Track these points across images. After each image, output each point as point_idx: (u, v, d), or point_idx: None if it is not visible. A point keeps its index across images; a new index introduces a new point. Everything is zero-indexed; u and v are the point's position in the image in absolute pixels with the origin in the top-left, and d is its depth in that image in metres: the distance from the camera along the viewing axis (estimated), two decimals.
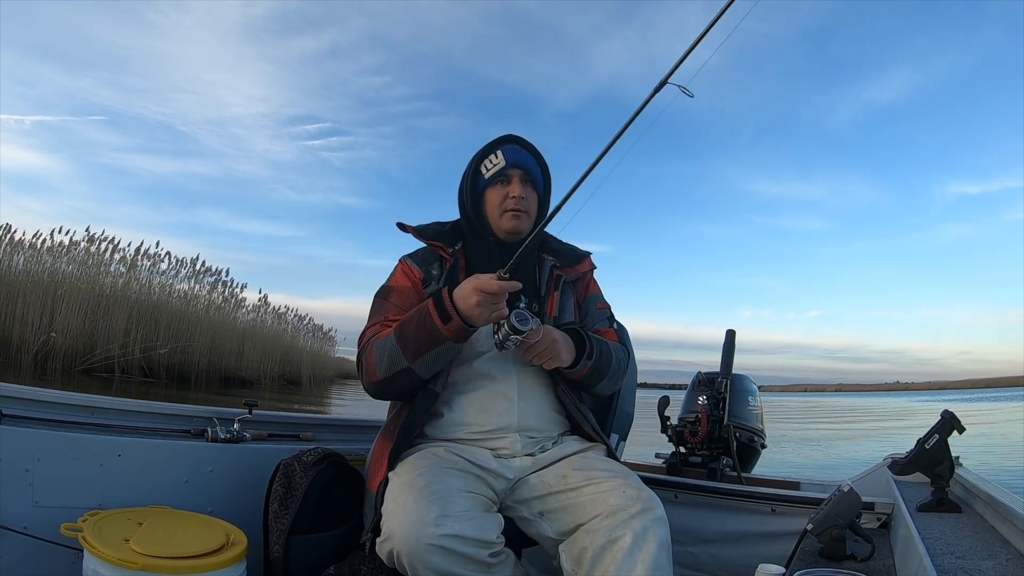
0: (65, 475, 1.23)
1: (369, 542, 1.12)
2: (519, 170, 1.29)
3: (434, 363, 1.16)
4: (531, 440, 1.26)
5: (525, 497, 1.21)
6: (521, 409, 1.24)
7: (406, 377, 1.17)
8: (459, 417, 1.25)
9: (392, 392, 1.25)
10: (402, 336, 1.16)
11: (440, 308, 1.12)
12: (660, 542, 1.07)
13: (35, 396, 1.29)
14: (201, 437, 1.45)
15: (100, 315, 11.18)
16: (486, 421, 1.23)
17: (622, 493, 1.11)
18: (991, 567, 0.87)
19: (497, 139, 1.34)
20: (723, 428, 2.01)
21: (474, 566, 1.02)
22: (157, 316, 12.13)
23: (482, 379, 1.25)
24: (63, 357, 10.63)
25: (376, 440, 1.30)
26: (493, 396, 1.24)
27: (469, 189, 1.33)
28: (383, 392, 1.25)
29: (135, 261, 12.36)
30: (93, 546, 1.05)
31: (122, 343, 11.25)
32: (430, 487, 1.05)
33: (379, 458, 1.22)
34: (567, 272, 1.38)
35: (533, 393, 1.27)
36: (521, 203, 1.28)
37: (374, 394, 1.25)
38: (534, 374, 1.28)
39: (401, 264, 1.35)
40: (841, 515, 1.18)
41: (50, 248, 11.20)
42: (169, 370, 12.17)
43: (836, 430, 14.19)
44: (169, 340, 12.01)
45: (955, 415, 1.33)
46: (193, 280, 13.62)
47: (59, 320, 10.56)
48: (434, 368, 1.18)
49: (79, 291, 10.96)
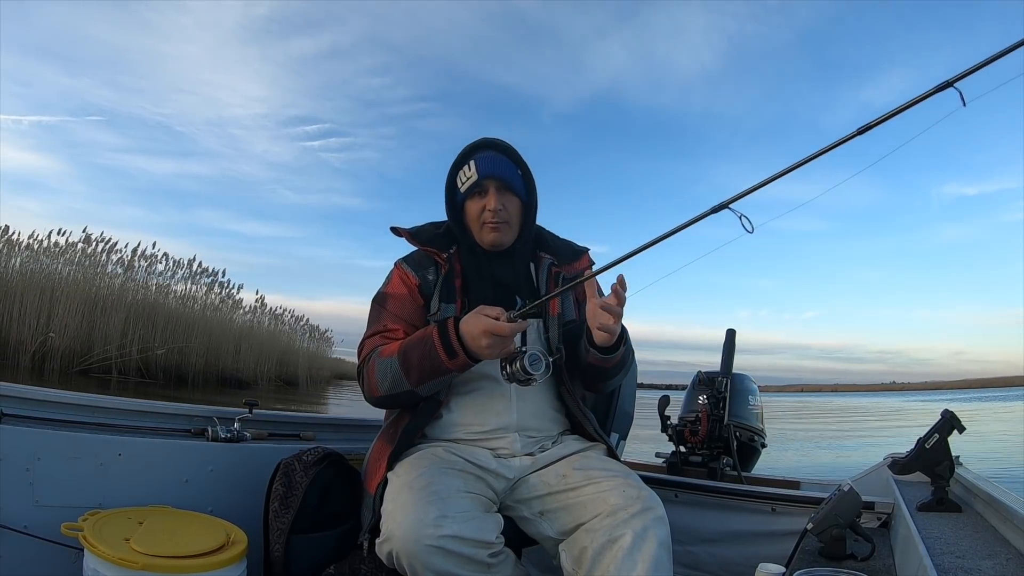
0: (65, 475, 1.23)
1: (367, 543, 1.12)
2: (494, 180, 1.25)
3: (437, 387, 1.19)
4: (531, 440, 1.26)
5: (525, 497, 1.21)
6: (520, 409, 1.24)
7: (409, 397, 1.20)
8: (458, 417, 1.25)
9: (394, 406, 1.29)
10: (406, 362, 1.16)
11: (446, 343, 1.11)
12: (660, 541, 1.07)
13: (35, 396, 1.29)
14: (201, 437, 1.45)
15: (97, 316, 11.21)
16: (486, 421, 1.24)
17: (622, 492, 1.11)
18: (991, 567, 0.87)
19: (470, 146, 1.29)
20: (723, 428, 2.01)
21: (473, 566, 1.02)
22: (154, 317, 12.15)
23: (481, 379, 1.25)
24: (60, 358, 10.63)
25: (375, 441, 1.30)
26: (492, 396, 1.24)
27: (449, 202, 1.32)
28: (385, 405, 1.29)
29: (132, 262, 12.42)
30: (93, 545, 1.05)
31: (119, 344, 11.28)
32: (429, 488, 1.05)
33: (377, 460, 1.22)
34: (565, 270, 1.36)
35: (532, 393, 1.26)
36: (499, 215, 1.25)
37: (376, 405, 1.28)
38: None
39: (396, 269, 1.34)
40: (841, 514, 1.18)
41: (47, 249, 11.23)
42: (166, 371, 12.18)
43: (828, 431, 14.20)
44: (166, 341, 12.04)
45: (955, 415, 1.33)
46: (190, 281, 13.66)
47: (56, 321, 10.57)
48: (436, 389, 1.20)
49: (77, 292, 10.98)
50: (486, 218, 1.25)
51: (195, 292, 13.77)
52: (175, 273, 13.37)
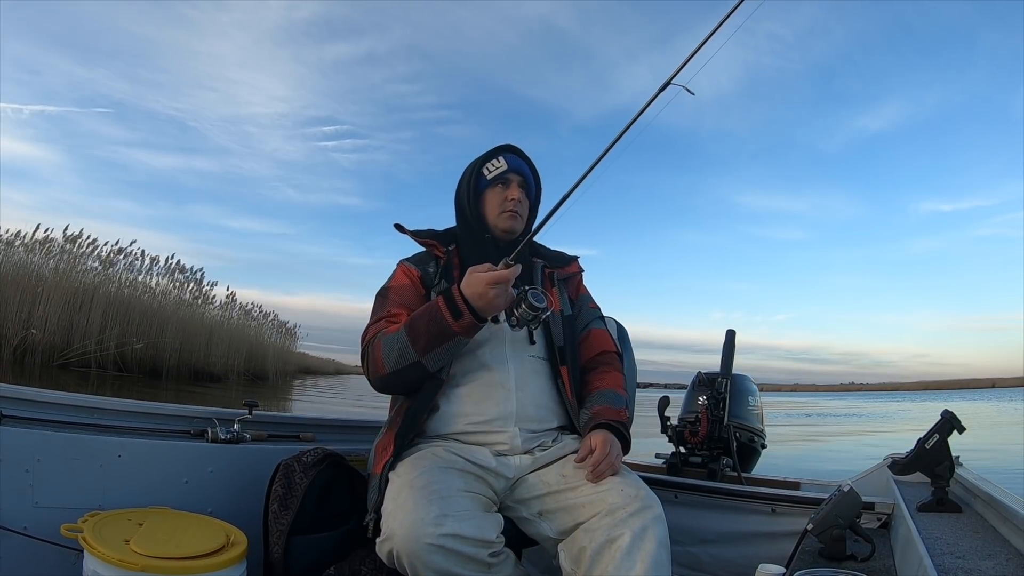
0: (65, 475, 1.23)
1: (372, 522, 1.12)
2: (518, 176, 1.39)
3: (443, 357, 1.20)
4: (531, 435, 1.26)
5: (524, 497, 1.21)
6: (520, 399, 1.25)
7: (414, 371, 1.20)
8: (458, 408, 1.25)
9: (398, 385, 1.26)
10: (413, 331, 1.19)
11: (451, 305, 1.15)
12: (659, 541, 1.07)
13: (35, 396, 1.29)
14: (201, 437, 1.45)
15: (76, 311, 11.33)
16: (485, 411, 1.24)
17: (620, 492, 1.12)
18: (991, 567, 0.87)
19: (498, 147, 1.42)
20: (723, 428, 2.01)
21: (474, 566, 1.03)
22: (130, 312, 12.33)
23: (480, 370, 1.26)
24: (41, 352, 10.75)
25: (382, 430, 1.31)
26: (491, 386, 1.25)
27: (472, 188, 1.39)
28: (389, 385, 1.26)
29: (111, 259, 12.56)
30: (93, 547, 1.04)
31: (98, 339, 11.38)
32: (430, 487, 1.05)
33: (385, 445, 1.23)
34: (557, 272, 1.44)
35: (530, 382, 1.28)
36: (518, 206, 1.37)
37: (380, 387, 1.27)
38: (531, 364, 1.30)
39: (399, 267, 1.40)
40: (841, 515, 1.18)
41: (24, 244, 11.33)
42: (141, 365, 12.37)
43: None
44: (142, 336, 12.20)
45: (955, 415, 1.33)
46: (165, 277, 13.96)
47: (37, 316, 10.65)
48: (442, 361, 1.21)
49: (57, 288, 11.08)
50: (507, 206, 1.36)
51: (169, 288, 14.08)
52: (151, 269, 13.65)
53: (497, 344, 1.28)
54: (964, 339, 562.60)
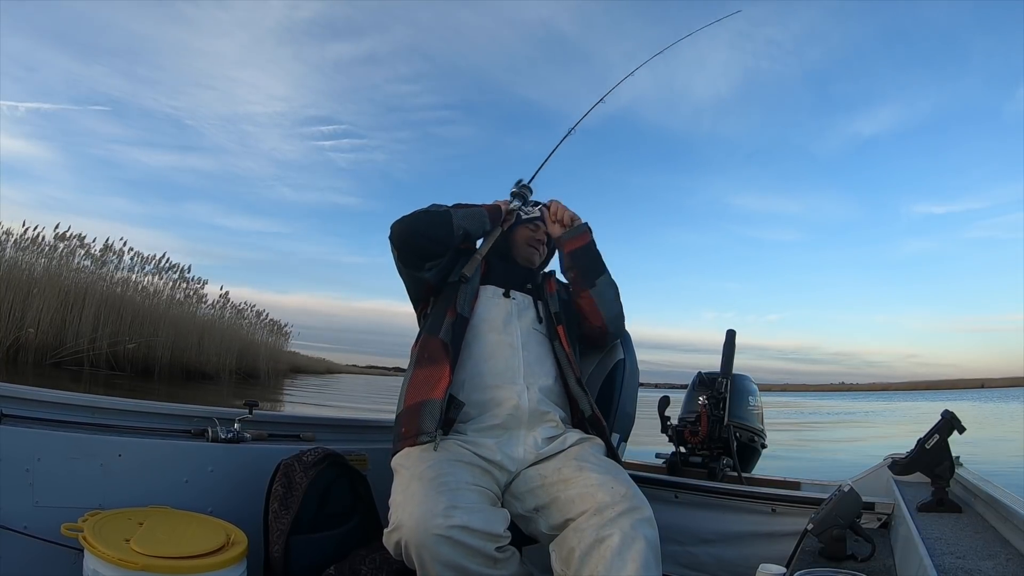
0: (65, 475, 1.23)
1: (394, 451, 1.22)
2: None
3: (468, 220, 1.42)
4: (539, 397, 1.32)
5: (522, 490, 1.23)
6: (525, 357, 1.36)
7: (440, 218, 1.37)
8: (471, 368, 1.33)
9: (419, 223, 1.36)
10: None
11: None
12: (648, 542, 1.07)
13: (35, 396, 1.29)
14: (201, 437, 1.45)
15: (69, 310, 11.32)
16: (495, 367, 1.33)
17: (611, 489, 1.13)
18: (991, 567, 0.87)
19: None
20: (723, 428, 2.01)
21: (480, 559, 1.03)
22: (123, 311, 12.30)
23: (489, 333, 1.39)
24: (34, 351, 10.73)
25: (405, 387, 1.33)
26: (500, 345, 1.37)
27: (497, 225, 1.59)
28: (408, 226, 1.35)
29: (103, 258, 12.51)
30: (93, 546, 1.05)
31: (91, 338, 11.39)
32: (439, 479, 1.08)
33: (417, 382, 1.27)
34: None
35: (533, 343, 1.40)
36: (540, 245, 1.64)
37: (398, 230, 1.35)
38: (534, 335, 1.43)
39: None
40: (841, 515, 1.18)
41: (16, 242, 11.29)
42: (134, 363, 12.34)
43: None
44: (134, 335, 12.18)
45: (955, 415, 1.33)
46: (157, 276, 13.87)
47: (30, 315, 10.65)
48: (465, 224, 1.41)
49: (51, 287, 11.08)
50: (532, 242, 1.62)
51: (161, 286, 14.00)
52: (143, 268, 13.59)
53: (506, 315, 1.42)
54: (954, 340, 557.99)
